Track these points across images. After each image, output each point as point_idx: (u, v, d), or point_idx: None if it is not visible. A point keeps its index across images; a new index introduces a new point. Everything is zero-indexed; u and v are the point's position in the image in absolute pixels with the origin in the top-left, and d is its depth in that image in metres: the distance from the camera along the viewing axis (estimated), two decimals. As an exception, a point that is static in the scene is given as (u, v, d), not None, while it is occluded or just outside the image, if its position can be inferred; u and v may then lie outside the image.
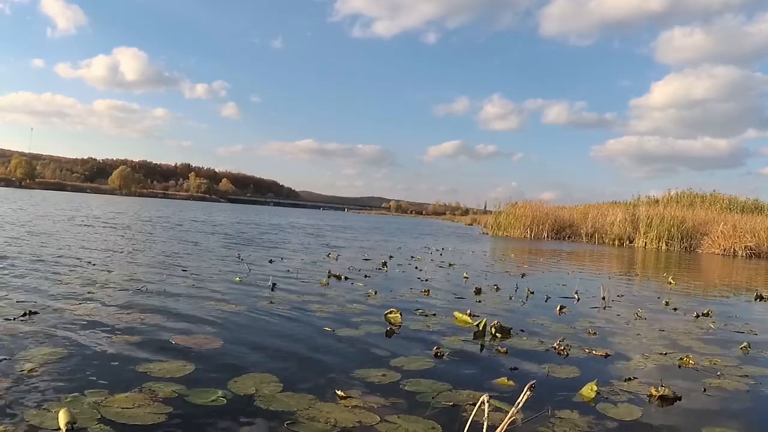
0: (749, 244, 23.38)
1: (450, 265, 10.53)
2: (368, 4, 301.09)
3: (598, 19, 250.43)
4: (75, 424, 2.17)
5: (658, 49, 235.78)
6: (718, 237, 24.75)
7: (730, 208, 31.74)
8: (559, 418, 2.62)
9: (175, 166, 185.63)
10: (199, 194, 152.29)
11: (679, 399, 3.04)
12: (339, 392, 2.72)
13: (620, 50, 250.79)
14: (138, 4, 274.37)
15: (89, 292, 5.00)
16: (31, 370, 2.77)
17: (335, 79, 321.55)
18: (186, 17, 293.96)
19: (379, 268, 8.91)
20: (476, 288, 6.93)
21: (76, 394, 2.51)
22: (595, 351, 4.04)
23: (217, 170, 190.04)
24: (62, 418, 2.16)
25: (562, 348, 4.01)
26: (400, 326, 4.48)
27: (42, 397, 2.45)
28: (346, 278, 7.25)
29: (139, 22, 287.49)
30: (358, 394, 2.76)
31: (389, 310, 4.78)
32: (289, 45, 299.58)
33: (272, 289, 5.91)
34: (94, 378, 2.75)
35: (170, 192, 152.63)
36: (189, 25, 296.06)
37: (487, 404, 1.99)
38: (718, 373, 3.68)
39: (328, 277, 7.24)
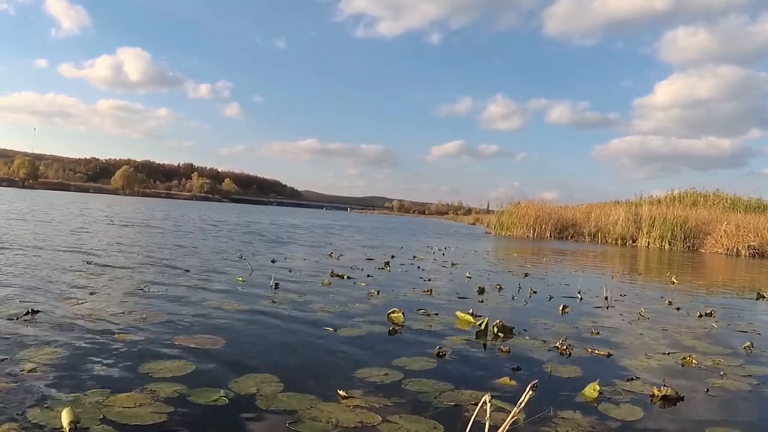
0: (752, 243, 23.31)
1: (452, 264, 10.52)
2: (372, 4, 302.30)
3: (601, 19, 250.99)
4: (78, 423, 2.17)
5: (662, 48, 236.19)
6: (721, 236, 24.70)
7: (733, 208, 31.68)
8: (562, 418, 2.61)
9: (178, 166, 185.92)
10: (202, 194, 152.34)
11: (682, 399, 3.03)
12: (341, 392, 2.72)
13: (624, 50, 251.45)
14: (142, 5, 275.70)
15: (92, 292, 5.01)
16: (32, 370, 2.78)
17: (338, 79, 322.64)
18: (190, 17, 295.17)
19: (382, 268, 8.91)
20: (479, 287, 6.92)
21: (77, 393, 2.52)
22: (598, 351, 4.03)
23: (219, 170, 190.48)
24: (65, 418, 2.16)
25: (565, 348, 4.01)
26: (402, 326, 4.48)
27: (44, 397, 2.45)
28: (348, 278, 7.25)
29: (143, 22, 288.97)
30: (360, 393, 2.75)
31: (391, 310, 4.78)
32: (292, 45, 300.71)
33: (275, 289, 5.91)
34: (96, 377, 2.75)
35: (173, 192, 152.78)
36: (193, 25, 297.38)
37: (488, 404, 1.99)
38: (721, 373, 3.67)
39: (331, 276, 7.24)
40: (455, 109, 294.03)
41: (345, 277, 7.29)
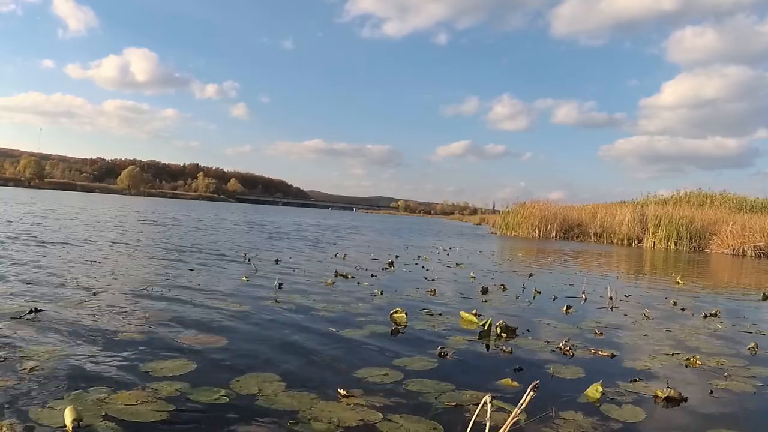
0: (758, 243, 23.18)
1: (457, 264, 10.51)
2: (378, 4, 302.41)
3: (609, 19, 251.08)
4: (81, 421, 2.18)
5: (669, 49, 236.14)
6: (726, 237, 24.58)
7: (738, 208, 31.53)
8: (563, 419, 2.60)
9: (184, 165, 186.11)
10: (208, 194, 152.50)
11: (685, 400, 3.01)
12: (341, 391, 2.71)
13: (631, 50, 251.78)
14: (149, 6, 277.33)
15: (95, 291, 5.02)
16: (34, 368, 2.78)
17: (344, 79, 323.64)
18: (197, 18, 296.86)
19: (386, 268, 8.90)
20: (483, 288, 6.91)
21: (79, 391, 2.52)
22: (601, 351, 4.01)
23: (225, 170, 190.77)
24: (68, 416, 2.17)
25: (568, 348, 3.99)
26: (405, 326, 4.47)
27: (46, 395, 2.46)
28: (352, 277, 7.24)
29: (150, 23, 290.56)
30: (361, 393, 2.75)
31: (394, 310, 4.78)
32: (299, 45, 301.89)
33: (278, 289, 5.91)
34: (98, 376, 2.76)
35: (179, 192, 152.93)
36: (200, 26, 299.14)
37: (489, 405, 1.98)
38: (725, 374, 3.65)
39: (335, 276, 7.24)
40: (461, 109, 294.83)
41: (349, 276, 7.28)
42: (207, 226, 18.83)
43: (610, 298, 6.77)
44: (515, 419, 2.02)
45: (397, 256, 11.23)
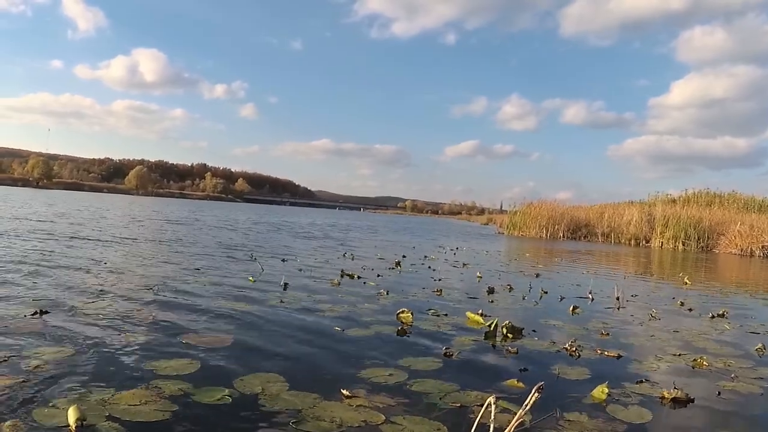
0: (766, 243, 23.05)
1: (464, 264, 10.49)
2: (386, 5, 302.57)
3: (617, 19, 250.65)
4: (84, 421, 2.18)
5: (678, 48, 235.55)
6: (734, 237, 24.45)
7: (747, 208, 31.36)
8: (568, 420, 2.59)
9: (192, 165, 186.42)
10: (216, 194, 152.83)
11: (692, 401, 2.99)
12: (344, 391, 2.70)
13: (640, 50, 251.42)
14: (159, 7, 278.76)
15: (101, 291, 5.03)
16: (38, 368, 2.79)
17: (353, 79, 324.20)
18: (206, 19, 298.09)
19: (392, 268, 8.89)
20: (489, 288, 6.89)
21: (83, 391, 2.53)
22: (608, 352, 3.99)
23: (233, 170, 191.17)
24: (72, 416, 2.17)
25: (574, 349, 3.97)
26: (411, 326, 4.46)
27: (49, 395, 2.46)
28: (358, 277, 7.23)
29: (160, 24, 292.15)
30: (364, 393, 2.74)
31: (401, 310, 4.77)
32: (307, 46, 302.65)
33: (284, 289, 5.91)
34: (102, 375, 2.76)
35: (186, 192, 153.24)
36: (209, 26, 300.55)
37: (494, 406, 1.97)
38: (733, 375, 3.62)
39: (341, 276, 7.23)
40: (470, 109, 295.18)
41: (355, 276, 7.27)
42: (218, 225, 18.86)
43: (617, 299, 6.74)
44: (520, 420, 2.01)
45: (404, 256, 11.22)
